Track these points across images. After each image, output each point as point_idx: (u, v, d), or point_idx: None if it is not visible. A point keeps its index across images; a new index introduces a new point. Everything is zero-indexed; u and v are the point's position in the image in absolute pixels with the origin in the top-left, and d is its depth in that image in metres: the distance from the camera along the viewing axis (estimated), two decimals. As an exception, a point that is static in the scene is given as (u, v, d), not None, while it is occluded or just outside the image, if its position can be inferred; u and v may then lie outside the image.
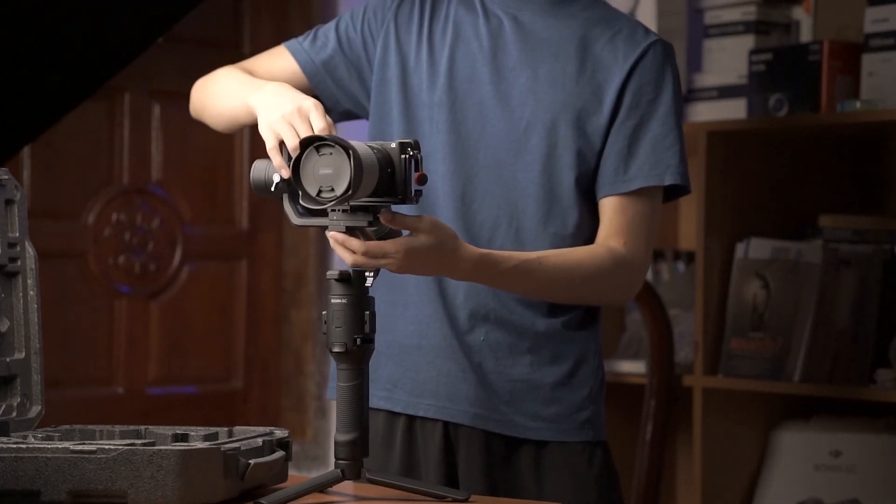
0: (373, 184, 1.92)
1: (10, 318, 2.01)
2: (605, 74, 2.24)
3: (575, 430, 2.26)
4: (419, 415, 2.27)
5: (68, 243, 3.95)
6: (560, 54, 2.25)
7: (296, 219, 1.96)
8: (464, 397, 2.25)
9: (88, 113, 3.85)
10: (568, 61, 2.25)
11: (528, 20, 2.29)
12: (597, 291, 2.24)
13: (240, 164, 4.23)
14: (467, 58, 2.28)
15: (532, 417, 2.25)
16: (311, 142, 1.89)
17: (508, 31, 2.28)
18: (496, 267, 2.11)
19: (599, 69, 2.25)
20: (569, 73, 2.25)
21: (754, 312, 3.22)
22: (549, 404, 2.25)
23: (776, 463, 3.29)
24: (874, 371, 3.09)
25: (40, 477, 1.73)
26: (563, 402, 2.26)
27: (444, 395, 2.26)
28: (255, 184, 1.97)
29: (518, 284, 2.17)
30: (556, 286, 2.20)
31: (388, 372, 2.29)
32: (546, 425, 2.25)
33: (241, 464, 1.81)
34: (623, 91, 2.24)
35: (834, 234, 3.25)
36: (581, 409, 2.27)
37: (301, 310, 4.30)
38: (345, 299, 1.89)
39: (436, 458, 2.26)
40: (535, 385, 2.25)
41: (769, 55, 3.32)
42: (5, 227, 2.01)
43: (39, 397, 2.02)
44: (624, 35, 2.27)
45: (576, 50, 2.26)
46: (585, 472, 2.26)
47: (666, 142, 2.24)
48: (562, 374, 2.27)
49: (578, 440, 2.27)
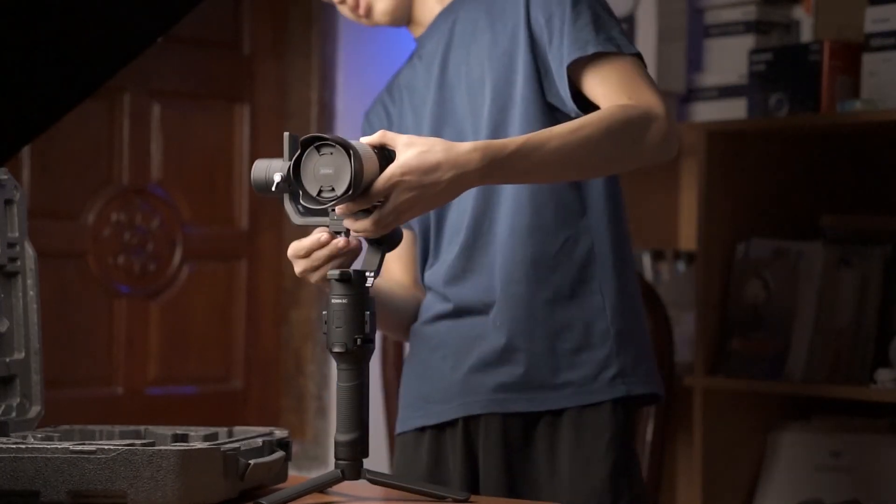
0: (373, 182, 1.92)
1: (10, 318, 2.01)
2: (513, 18, 2.25)
3: (592, 393, 2.25)
4: (446, 420, 2.30)
5: (68, 243, 3.94)
6: (477, 33, 2.29)
7: (296, 218, 1.96)
8: (483, 387, 2.26)
9: (88, 113, 3.85)
10: (483, 35, 2.28)
11: (446, 31, 2.34)
12: (627, 144, 2.13)
13: (240, 164, 4.23)
14: (420, 103, 2.35)
15: (549, 388, 2.24)
16: (311, 141, 1.89)
17: (438, 55, 2.34)
18: (504, 149, 2.02)
19: (507, 18, 2.26)
20: (487, 41, 2.27)
21: (754, 312, 3.22)
22: (567, 371, 2.24)
23: (776, 463, 3.29)
24: (874, 371, 3.09)
25: (40, 477, 1.73)
26: (581, 367, 2.25)
27: (466, 391, 2.28)
28: (255, 183, 1.96)
29: (536, 161, 2.05)
30: (578, 151, 2.08)
31: (417, 392, 2.34)
32: (564, 393, 2.24)
33: (241, 464, 1.81)
34: (529, 16, 2.24)
35: (834, 234, 3.25)
36: (602, 368, 2.25)
37: (301, 310, 4.30)
38: (345, 299, 1.89)
39: (459, 459, 2.28)
40: (550, 355, 2.25)
41: (769, 55, 3.32)
42: (5, 228, 2.01)
43: (39, 397, 2.02)
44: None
45: (485, 19, 2.29)
46: (598, 435, 2.24)
47: (579, 22, 2.19)
48: (573, 340, 2.25)
49: (595, 402, 2.24)
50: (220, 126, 4.21)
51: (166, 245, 4.11)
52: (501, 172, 2.03)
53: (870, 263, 3.17)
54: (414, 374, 2.37)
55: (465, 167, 1.97)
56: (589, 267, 2.27)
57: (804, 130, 3.27)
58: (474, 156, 1.98)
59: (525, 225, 2.25)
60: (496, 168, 2.01)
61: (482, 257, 2.29)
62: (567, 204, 2.27)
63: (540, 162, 2.05)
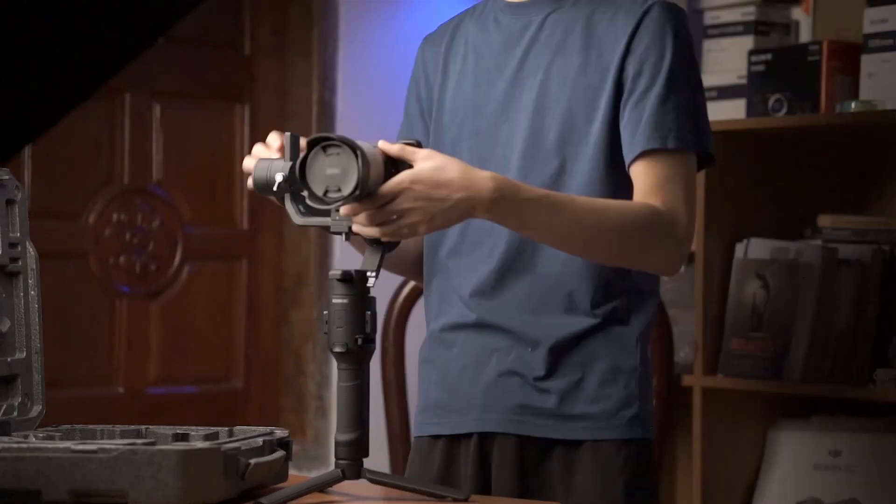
0: (379, 184, 1.92)
1: (11, 318, 2.02)
2: (608, 56, 2.19)
3: (612, 429, 2.20)
4: (461, 432, 2.26)
5: (69, 243, 3.95)
6: (566, 49, 2.22)
7: (297, 218, 1.96)
8: (502, 406, 2.22)
9: (88, 113, 3.85)
10: (574, 54, 2.21)
11: (537, 21, 2.26)
12: (636, 246, 2.12)
13: (240, 164, 4.20)
14: (487, 79, 2.27)
15: (569, 418, 2.20)
16: (317, 141, 1.89)
17: (519, 38, 2.26)
18: (519, 192, 2.01)
19: (604, 51, 2.19)
20: (576, 65, 2.20)
21: (754, 312, 3.22)
22: (590, 404, 2.20)
23: (776, 463, 3.29)
24: (874, 371, 3.09)
25: (41, 476, 1.73)
26: (604, 401, 2.20)
27: (484, 406, 2.24)
28: (256, 183, 1.97)
29: (543, 219, 2.04)
30: (587, 231, 2.07)
31: (435, 398, 2.29)
32: (583, 425, 2.20)
33: (242, 464, 1.81)
34: (624, 64, 2.17)
35: (834, 234, 3.26)
36: (624, 406, 2.20)
37: (301, 310, 4.30)
38: (346, 299, 1.89)
39: (472, 470, 2.24)
40: (573, 387, 2.20)
41: (769, 55, 3.32)
42: (6, 228, 2.02)
43: (40, 397, 2.02)
44: (624, 8, 2.21)
45: (581, 39, 2.21)
46: (618, 471, 2.19)
47: (668, 104, 2.15)
48: (601, 373, 2.20)
49: (613, 438, 2.20)
50: (220, 126, 4.21)
51: (167, 245, 4.12)
52: (506, 213, 2.02)
53: (869, 263, 3.17)
54: (433, 378, 2.31)
55: (476, 192, 1.98)
56: (628, 305, 2.22)
57: (803, 131, 3.28)
58: (489, 184, 1.99)
59: (568, 258, 2.19)
60: (503, 207, 2.00)
61: (518, 281, 2.22)
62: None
63: (545, 223, 2.06)
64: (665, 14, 2.19)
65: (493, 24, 2.30)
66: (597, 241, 2.10)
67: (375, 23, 4.25)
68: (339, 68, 4.23)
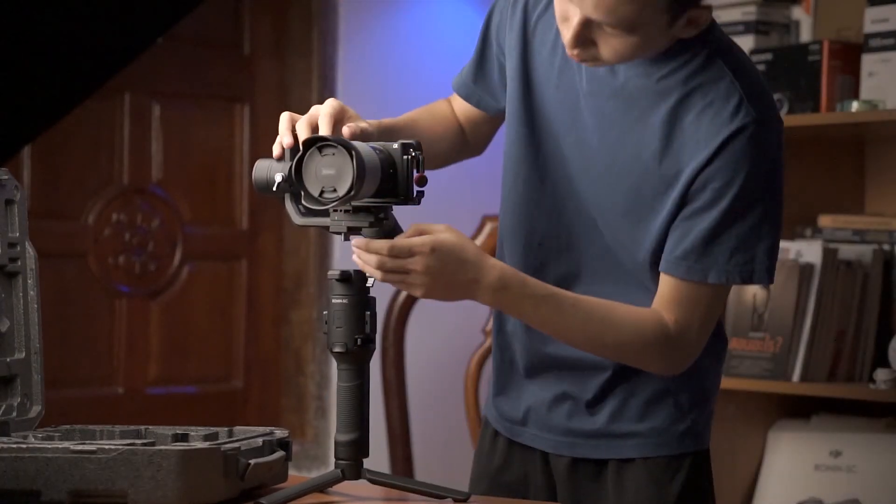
0: (375, 185, 1.92)
1: (11, 318, 2.01)
2: (686, 156, 2.02)
3: (661, 446, 2.16)
4: (518, 441, 2.23)
5: (68, 243, 3.95)
6: (648, 125, 2.04)
7: (297, 218, 1.96)
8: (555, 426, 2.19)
9: (88, 113, 3.85)
10: (655, 136, 2.04)
11: (623, 73, 2.06)
12: (633, 359, 2.08)
13: (240, 164, 4.24)
14: (571, 91, 2.11)
15: (621, 437, 2.16)
16: (313, 142, 1.89)
17: (604, 75, 2.07)
18: (524, 286, 1.99)
19: (683, 149, 2.02)
20: (653, 150, 2.04)
21: (754, 312, 3.22)
22: (641, 421, 2.16)
23: (776, 463, 3.29)
24: (874, 371, 3.09)
25: (40, 477, 1.73)
26: (652, 418, 2.15)
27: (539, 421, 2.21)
28: (256, 183, 1.96)
29: (543, 317, 2.02)
30: (587, 338, 2.05)
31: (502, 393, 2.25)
32: (636, 442, 2.16)
33: (241, 464, 1.81)
34: (696, 177, 2.01)
35: (833, 234, 3.25)
36: (677, 420, 2.15)
37: (301, 310, 4.30)
38: (346, 299, 1.89)
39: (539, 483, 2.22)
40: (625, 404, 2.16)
41: (769, 55, 3.32)
42: (5, 228, 2.01)
43: (40, 397, 2.02)
44: (714, 108, 2.01)
45: (665, 121, 2.03)
46: (668, 485, 2.15)
47: (722, 237, 2.02)
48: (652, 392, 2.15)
49: (669, 454, 2.15)
50: (220, 126, 4.21)
51: (167, 245, 4.12)
52: (506, 304, 2.01)
53: (869, 263, 3.17)
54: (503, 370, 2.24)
55: (483, 277, 1.97)
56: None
57: (804, 130, 3.27)
58: (494, 273, 1.97)
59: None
60: (505, 298, 1.99)
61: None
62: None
63: (544, 321, 2.03)
64: (751, 142, 2.03)
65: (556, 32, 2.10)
66: (595, 348, 2.08)
67: (375, 23, 4.25)
68: (339, 68, 4.23)
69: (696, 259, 2.03)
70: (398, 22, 4.30)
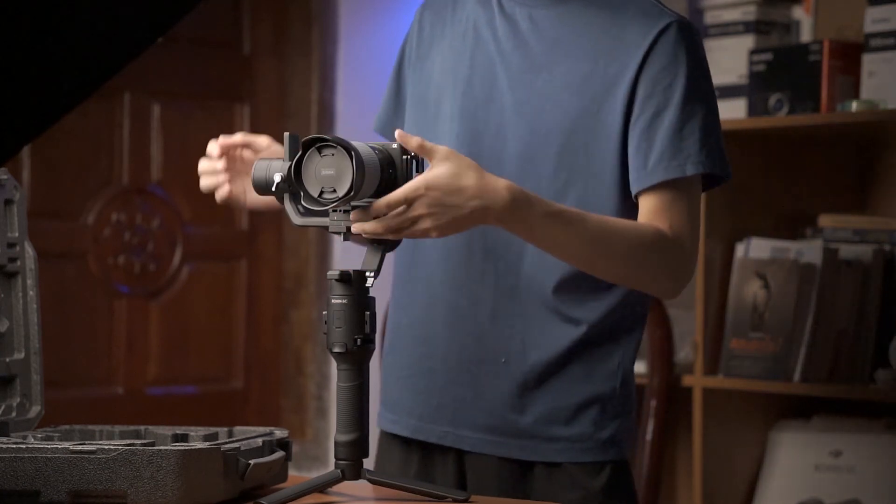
0: (374, 184, 1.92)
1: (10, 318, 2.01)
2: (617, 68, 2.12)
3: (591, 451, 2.16)
4: (432, 441, 2.22)
5: (68, 243, 3.95)
6: (573, 52, 2.14)
7: (297, 218, 1.96)
8: (479, 424, 2.18)
9: (88, 113, 3.85)
10: (581, 59, 2.14)
11: (542, 16, 2.17)
12: (643, 267, 2.09)
13: (240, 164, 4.23)
14: (486, 62, 2.20)
15: (548, 440, 2.16)
16: (312, 142, 1.89)
17: (524, 30, 2.18)
18: (532, 206, 1.98)
19: (612, 63, 2.12)
20: (583, 72, 2.13)
21: (754, 312, 3.22)
22: (568, 425, 2.16)
23: (776, 463, 3.29)
24: (874, 371, 3.09)
25: (40, 477, 1.73)
26: (584, 421, 2.16)
27: (458, 421, 2.19)
28: (255, 183, 1.96)
29: (554, 235, 2.01)
30: (596, 248, 2.04)
31: (407, 398, 2.23)
32: (562, 446, 2.16)
33: (241, 464, 1.81)
34: (636, 84, 2.11)
35: (834, 234, 3.25)
36: (602, 427, 2.17)
37: (301, 310, 4.30)
38: (345, 299, 1.89)
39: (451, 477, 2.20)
40: (554, 407, 2.16)
41: (769, 55, 3.32)
42: (5, 228, 2.01)
43: (39, 397, 2.02)
44: (638, 21, 2.13)
45: (589, 44, 2.14)
46: (596, 493, 2.16)
47: (685, 130, 2.10)
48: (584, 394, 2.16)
49: (593, 460, 2.16)
50: (219, 126, 4.21)
51: (166, 245, 4.11)
52: (516, 224, 2.00)
53: (870, 263, 3.17)
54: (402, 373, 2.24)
55: (490, 202, 1.95)
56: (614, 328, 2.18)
57: (804, 130, 3.27)
58: (504, 194, 1.96)
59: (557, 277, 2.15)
60: (515, 219, 1.98)
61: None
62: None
63: (554, 239, 2.03)
64: (680, 35, 2.12)
65: (497, 7, 2.22)
66: (604, 262, 2.07)
67: (375, 23, 4.25)
68: (339, 68, 4.23)
69: (670, 157, 2.09)
70: (398, 22, 4.29)
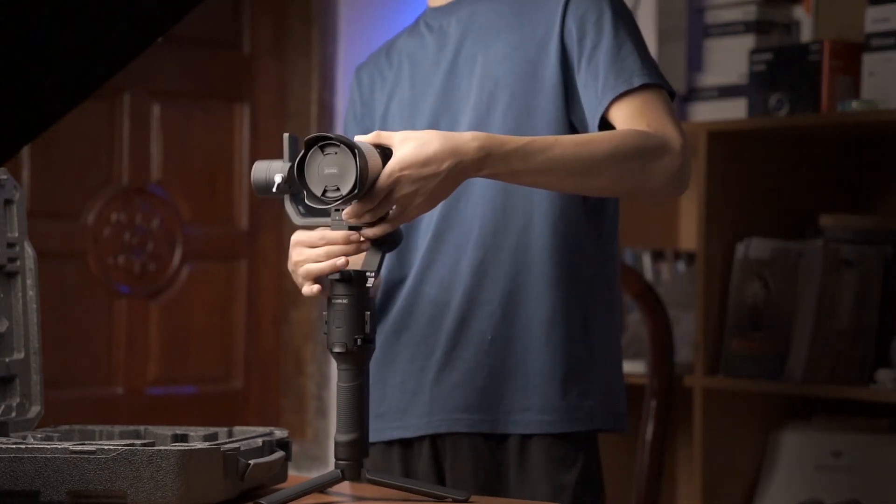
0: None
1: (10, 318, 2.01)
2: (544, 28, 2.21)
3: (563, 422, 2.20)
4: (408, 436, 2.25)
5: (68, 243, 3.95)
6: (500, 32, 2.24)
7: (297, 218, 1.96)
8: (452, 406, 2.22)
9: (88, 113, 3.85)
10: (508, 35, 2.23)
11: (466, 13, 2.28)
12: (635, 168, 2.09)
13: (240, 164, 4.24)
14: (424, 77, 2.30)
15: (518, 410, 2.20)
16: (315, 141, 1.89)
17: (454, 32, 2.28)
18: (504, 144, 2.00)
19: (538, 26, 2.21)
20: (512, 44, 2.22)
21: (754, 312, 3.22)
22: (540, 397, 2.19)
23: (776, 463, 3.29)
24: (874, 371, 3.09)
25: (40, 477, 1.73)
26: (555, 395, 2.19)
27: (434, 407, 2.23)
28: (256, 184, 1.96)
29: (535, 163, 2.02)
30: (583, 163, 2.05)
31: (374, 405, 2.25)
32: (533, 417, 2.19)
33: (241, 464, 1.81)
34: (563, 34, 2.19)
35: (834, 234, 3.25)
36: (580, 400, 2.20)
37: (301, 310, 4.30)
38: (345, 299, 1.88)
39: (425, 473, 2.24)
40: (526, 379, 2.20)
41: (769, 55, 3.32)
42: (4, 228, 2.01)
43: (39, 397, 2.02)
44: None
45: (514, 19, 2.24)
46: (568, 467, 2.20)
47: (623, 52, 2.16)
48: (556, 369, 2.20)
49: (564, 432, 2.20)
50: (220, 126, 4.21)
51: (166, 245, 4.11)
52: (497, 167, 2.01)
53: (870, 263, 3.16)
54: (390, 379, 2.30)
55: (462, 156, 1.97)
56: (586, 299, 2.22)
57: (804, 130, 3.27)
58: (472, 145, 1.98)
59: (543, 244, 2.20)
60: (492, 163, 2.00)
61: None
62: (578, 230, 2.22)
63: (538, 166, 2.03)
64: None
65: (425, 28, 2.34)
66: (595, 170, 2.07)
67: (375, 23, 4.25)
68: (339, 68, 4.23)
69: (615, 77, 2.14)
70: (398, 22, 4.29)
